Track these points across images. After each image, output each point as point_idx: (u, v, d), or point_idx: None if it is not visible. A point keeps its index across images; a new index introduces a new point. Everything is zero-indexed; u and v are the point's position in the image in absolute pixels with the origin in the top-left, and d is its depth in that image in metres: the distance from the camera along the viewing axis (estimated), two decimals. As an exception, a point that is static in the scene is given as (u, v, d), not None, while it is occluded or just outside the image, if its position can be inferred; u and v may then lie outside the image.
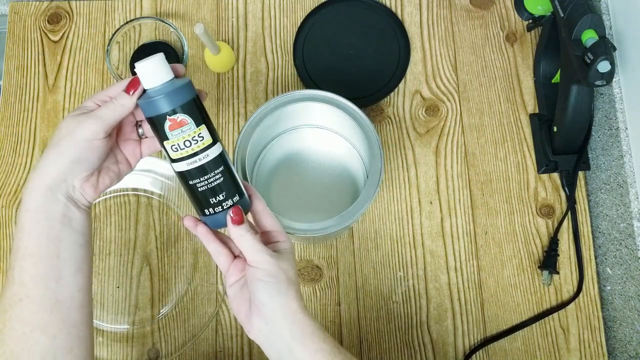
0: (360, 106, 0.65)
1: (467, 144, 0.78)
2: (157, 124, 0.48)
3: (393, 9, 0.82)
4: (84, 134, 0.46)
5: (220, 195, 0.50)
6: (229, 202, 0.50)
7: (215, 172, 0.49)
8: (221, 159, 0.50)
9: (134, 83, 0.47)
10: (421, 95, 0.79)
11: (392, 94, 0.79)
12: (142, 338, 0.71)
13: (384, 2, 0.82)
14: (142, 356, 0.70)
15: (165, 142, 0.49)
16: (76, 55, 0.80)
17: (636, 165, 0.69)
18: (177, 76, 0.49)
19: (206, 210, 0.50)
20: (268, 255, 0.48)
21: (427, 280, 0.73)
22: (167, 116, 0.47)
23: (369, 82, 0.79)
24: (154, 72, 0.47)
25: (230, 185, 0.50)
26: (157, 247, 0.74)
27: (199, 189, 0.49)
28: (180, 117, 0.48)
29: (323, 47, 0.81)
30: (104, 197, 0.75)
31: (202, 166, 0.49)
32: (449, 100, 0.79)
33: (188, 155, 0.48)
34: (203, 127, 0.49)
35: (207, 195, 0.50)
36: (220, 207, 0.50)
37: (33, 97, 0.79)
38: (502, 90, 0.79)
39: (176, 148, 0.48)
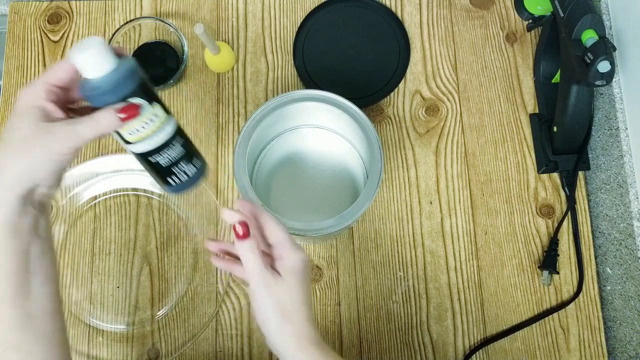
0: (360, 106, 0.65)
1: (467, 144, 0.78)
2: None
3: (393, 9, 0.82)
4: (59, 148, 0.43)
5: (182, 163, 0.50)
6: (192, 168, 0.51)
7: (175, 144, 0.50)
8: (177, 130, 0.50)
9: (132, 112, 0.44)
10: (421, 95, 0.79)
11: (392, 94, 0.79)
12: (142, 338, 0.71)
13: (383, 2, 0.82)
14: (142, 356, 0.70)
15: (119, 129, 0.47)
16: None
17: (636, 165, 0.69)
18: (118, 55, 0.46)
19: (170, 181, 0.51)
20: (261, 286, 0.48)
21: (427, 280, 0.73)
22: (121, 100, 0.45)
23: (369, 82, 0.79)
24: (98, 61, 0.44)
25: (190, 152, 0.51)
26: (157, 247, 0.74)
27: (161, 164, 0.50)
28: (133, 99, 0.46)
29: (323, 47, 0.81)
30: (104, 197, 0.75)
31: (162, 143, 0.49)
32: (449, 100, 0.79)
33: (147, 136, 0.48)
34: (156, 105, 0.48)
35: (170, 167, 0.50)
36: (184, 174, 0.51)
37: (33, 97, 0.79)
38: (502, 90, 0.79)
39: (132, 132, 0.47)
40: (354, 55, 0.80)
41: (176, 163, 0.50)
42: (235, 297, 0.72)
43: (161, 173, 0.51)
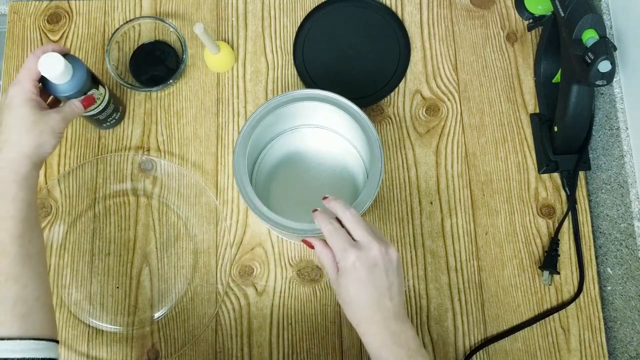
0: (360, 106, 0.65)
1: (468, 143, 0.78)
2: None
3: (393, 8, 0.82)
4: (59, 129, 0.60)
5: (113, 115, 0.74)
6: (117, 115, 0.75)
7: (109, 105, 0.72)
8: (110, 97, 0.72)
9: (90, 101, 0.66)
10: (421, 95, 0.79)
11: (392, 93, 0.79)
12: (141, 338, 0.71)
13: (384, 2, 0.82)
14: (142, 357, 0.70)
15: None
16: (76, 54, 0.80)
17: (637, 165, 0.69)
18: (64, 54, 0.63)
19: (105, 125, 0.75)
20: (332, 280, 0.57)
21: (427, 280, 0.73)
22: (81, 97, 0.65)
23: (369, 82, 0.79)
24: (63, 74, 0.61)
25: (117, 106, 0.74)
26: (156, 248, 0.74)
27: (100, 117, 0.72)
28: (89, 92, 0.66)
29: (323, 47, 0.80)
30: (105, 197, 0.75)
31: (102, 108, 0.71)
32: (449, 100, 0.79)
33: (95, 108, 0.70)
34: (100, 87, 0.69)
35: (105, 118, 0.73)
36: (113, 120, 0.75)
37: (32, 97, 0.79)
38: (502, 90, 0.79)
39: (87, 108, 0.68)
40: (354, 55, 0.80)
41: (109, 115, 0.73)
42: (235, 297, 0.72)
43: (99, 121, 0.74)
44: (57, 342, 0.54)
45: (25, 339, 0.50)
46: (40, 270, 0.55)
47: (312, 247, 0.59)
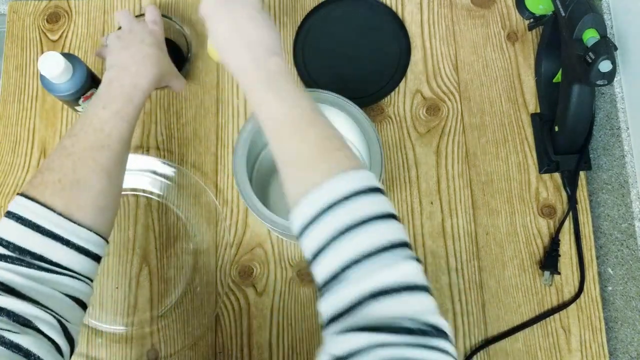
0: (360, 106, 0.65)
1: (468, 143, 0.77)
2: (69, 101, 0.68)
3: (394, 8, 0.82)
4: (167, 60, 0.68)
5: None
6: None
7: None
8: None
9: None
10: (422, 95, 0.79)
11: (392, 93, 0.79)
12: (141, 339, 0.71)
13: (384, 2, 0.82)
14: (142, 357, 0.70)
15: (76, 107, 0.69)
16: (75, 54, 0.80)
17: (637, 165, 0.69)
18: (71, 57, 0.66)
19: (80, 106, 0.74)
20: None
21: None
22: (81, 96, 0.67)
23: (369, 81, 0.79)
24: (61, 72, 0.63)
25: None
26: (156, 248, 0.73)
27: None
28: (88, 92, 0.67)
29: (323, 47, 0.80)
30: (103, 197, 0.75)
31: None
32: (449, 99, 0.79)
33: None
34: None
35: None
36: None
37: (32, 96, 0.78)
38: (503, 89, 0.79)
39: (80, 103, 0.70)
40: (354, 55, 0.80)
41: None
42: (235, 297, 0.72)
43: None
44: (107, 243, 0.57)
45: (92, 231, 0.52)
46: (122, 175, 0.58)
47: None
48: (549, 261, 0.73)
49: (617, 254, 0.72)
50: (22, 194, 0.51)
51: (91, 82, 0.67)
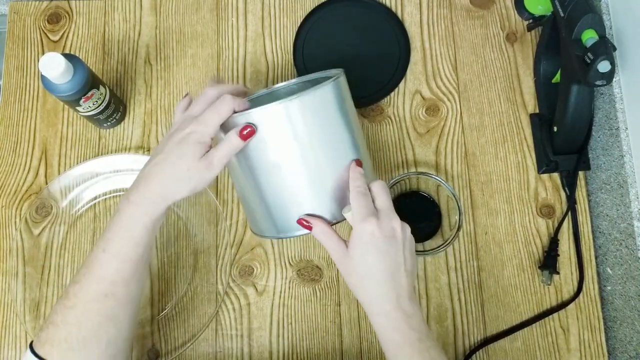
0: (360, 106, 0.65)
1: (467, 144, 0.78)
2: (70, 101, 0.67)
3: (393, 8, 0.82)
4: (212, 176, 0.54)
5: (113, 115, 0.74)
6: (118, 115, 0.75)
7: (110, 104, 0.72)
8: (110, 94, 0.72)
9: (250, 131, 0.53)
10: (421, 95, 0.79)
11: (392, 93, 0.79)
12: (141, 338, 0.71)
13: (384, 2, 0.82)
14: (142, 356, 0.70)
15: (77, 107, 0.69)
16: (76, 55, 0.80)
17: (636, 165, 0.69)
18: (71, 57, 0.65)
19: (105, 125, 0.76)
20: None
21: (427, 280, 0.73)
22: (82, 97, 0.66)
23: (370, 81, 0.79)
24: (62, 72, 0.62)
25: (117, 107, 0.75)
26: (156, 247, 0.74)
27: (100, 117, 0.73)
28: (89, 92, 0.67)
29: (323, 47, 0.80)
30: (104, 197, 0.75)
31: (103, 108, 0.71)
32: (449, 100, 0.79)
33: (96, 108, 0.70)
34: (101, 87, 0.69)
35: (106, 118, 0.74)
36: (114, 120, 0.75)
37: (33, 97, 0.79)
38: (502, 90, 0.79)
39: (87, 108, 0.69)
40: (354, 55, 0.80)
41: (110, 115, 0.74)
42: (235, 297, 0.72)
43: (99, 121, 0.74)
44: None
45: None
46: (135, 312, 0.56)
47: (309, 228, 0.55)
48: (548, 261, 0.73)
49: (616, 254, 0.73)
50: (32, 349, 0.51)
51: (92, 82, 0.67)
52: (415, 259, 0.56)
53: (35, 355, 0.51)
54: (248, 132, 0.53)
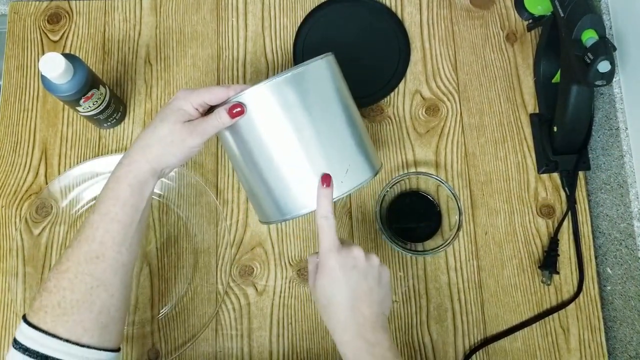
0: (360, 106, 0.65)
1: (467, 144, 0.78)
2: (70, 101, 0.67)
3: (393, 9, 0.82)
4: (193, 143, 0.55)
5: (114, 115, 0.75)
6: (118, 116, 0.76)
7: (110, 104, 0.72)
8: (110, 94, 0.72)
9: (240, 111, 0.55)
10: (421, 95, 0.79)
11: (392, 93, 0.79)
12: (142, 338, 0.71)
13: (384, 2, 0.82)
14: (142, 356, 0.70)
15: (77, 107, 0.69)
16: (76, 55, 0.80)
17: (636, 165, 0.69)
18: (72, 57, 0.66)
19: (105, 125, 0.76)
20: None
21: (427, 280, 0.73)
22: (82, 97, 0.67)
23: (370, 81, 0.79)
24: (62, 72, 0.62)
25: (118, 107, 0.75)
26: (157, 247, 0.74)
27: (101, 117, 0.73)
28: (89, 92, 0.67)
29: (323, 47, 0.80)
30: (104, 197, 0.75)
31: (103, 108, 0.71)
32: (449, 100, 0.79)
33: (96, 108, 0.70)
34: (101, 87, 0.69)
35: (106, 118, 0.74)
36: (113, 119, 0.75)
37: (33, 97, 0.79)
38: (502, 90, 0.79)
39: (87, 108, 0.70)
40: (354, 55, 0.80)
41: (110, 115, 0.74)
42: (235, 297, 0.72)
43: (101, 122, 0.74)
44: (120, 350, 0.55)
45: (101, 349, 0.52)
46: (127, 280, 0.55)
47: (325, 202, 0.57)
48: (548, 261, 0.73)
49: (616, 254, 0.73)
50: (25, 320, 0.51)
51: (92, 82, 0.67)
52: (386, 290, 0.57)
53: (28, 324, 0.50)
54: (237, 111, 0.55)
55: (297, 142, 0.55)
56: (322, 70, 0.57)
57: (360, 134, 0.59)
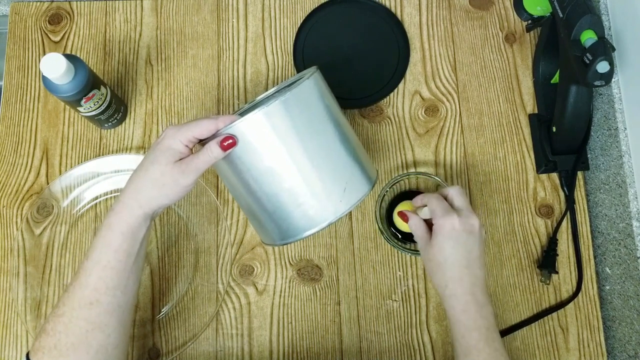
0: (360, 106, 0.66)
1: (467, 144, 0.78)
2: (71, 102, 0.67)
3: (392, 9, 0.82)
4: (186, 182, 0.54)
5: (114, 115, 0.75)
6: (119, 116, 0.76)
7: (111, 104, 0.72)
8: (111, 95, 0.72)
9: (232, 143, 0.54)
10: (420, 96, 0.80)
11: (391, 94, 0.79)
12: (142, 338, 0.71)
13: (383, 3, 0.83)
14: (143, 355, 0.71)
15: (78, 108, 0.69)
16: (77, 55, 0.80)
17: (635, 165, 0.69)
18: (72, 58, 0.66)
19: (106, 125, 0.76)
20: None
21: (426, 279, 0.74)
22: (83, 97, 0.67)
23: (369, 82, 0.79)
24: (63, 73, 0.62)
25: (119, 107, 0.75)
26: (157, 247, 0.74)
27: (101, 118, 0.73)
28: (90, 93, 0.67)
29: (323, 48, 0.81)
30: (105, 197, 0.75)
31: (104, 108, 0.71)
32: (448, 100, 0.79)
33: (97, 108, 0.70)
34: (102, 87, 0.69)
35: (107, 118, 0.74)
36: (115, 121, 0.76)
37: (34, 97, 0.79)
38: (501, 90, 0.80)
39: (88, 109, 0.70)
40: (354, 56, 0.80)
41: (111, 115, 0.74)
42: (236, 296, 0.73)
43: (101, 122, 0.74)
44: None
45: None
46: (126, 319, 0.56)
47: (406, 220, 0.65)
48: (547, 260, 0.73)
49: (615, 254, 0.73)
50: (28, 358, 0.53)
51: (93, 83, 0.67)
52: (485, 257, 0.63)
53: None
54: (229, 143, 0.54)
55: (293, 168, 0.55)
56: (311, 90, 0.57)
57: (354, 148, 0.59)
